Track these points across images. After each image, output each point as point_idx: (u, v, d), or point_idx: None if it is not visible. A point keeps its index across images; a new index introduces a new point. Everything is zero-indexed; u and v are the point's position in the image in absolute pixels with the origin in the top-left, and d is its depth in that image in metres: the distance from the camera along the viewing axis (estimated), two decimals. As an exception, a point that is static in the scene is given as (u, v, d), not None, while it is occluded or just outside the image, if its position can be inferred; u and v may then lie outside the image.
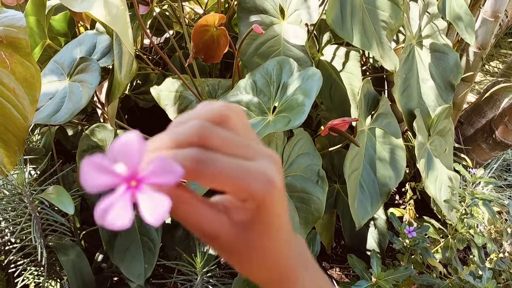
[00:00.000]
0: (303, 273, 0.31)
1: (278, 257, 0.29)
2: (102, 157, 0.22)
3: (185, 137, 0.24)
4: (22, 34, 0.90)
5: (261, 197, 0.25)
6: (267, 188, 0.25)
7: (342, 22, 1.02)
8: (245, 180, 0.24)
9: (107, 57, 1.01)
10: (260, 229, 0.27)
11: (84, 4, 0.82)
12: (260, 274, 0.29)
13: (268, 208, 0.26)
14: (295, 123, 0.89)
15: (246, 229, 0.26)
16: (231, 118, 0.26)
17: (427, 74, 1.22)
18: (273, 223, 0.27)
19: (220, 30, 1.01)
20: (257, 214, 0.26)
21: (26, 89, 0.93)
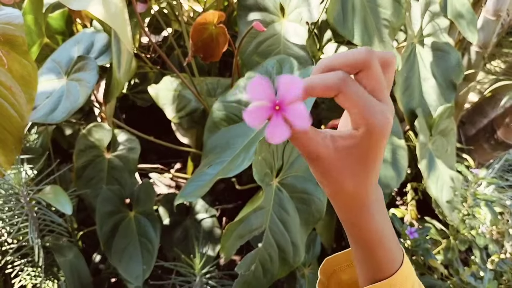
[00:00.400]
0: (376, 207, 0.37)
1: (367, 181, 0.34)
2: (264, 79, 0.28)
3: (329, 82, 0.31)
4: (19, 32, 0.89)
5: (375, 127, 0.31)
6: (383, 123, 0.31)
7: (343, 20, 1.01)
8: (369, 110, 0.31)
9: (105, 55, 1.00)
10: (361, 153, 0.33)
11: (82, 2, 0.80)
12: (345, 195, 0.35)
13: (376, 138, 0.32)
14: (295, 123, 0.87)
15: (348, 153, 0.33)
16: (372, 67, 0.32)
17: (428, 73, 1.21)
18: (374, 152, 0.33)
19: (219, 28, 1.00)
20: (362, 141, 0.32)
21: (23, 87, 0.92)
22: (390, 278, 0.38)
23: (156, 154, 1.62)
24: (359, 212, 0.36)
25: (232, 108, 1.03)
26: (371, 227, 0.37)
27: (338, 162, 0.33)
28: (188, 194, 0.91)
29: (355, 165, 0.33)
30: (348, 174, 0.33)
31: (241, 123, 1.01)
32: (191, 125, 1.25)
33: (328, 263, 0.47)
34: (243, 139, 0.97)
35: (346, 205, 0.36)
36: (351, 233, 0.39)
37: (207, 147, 1.02)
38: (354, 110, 0.31)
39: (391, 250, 0.39)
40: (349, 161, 0.33)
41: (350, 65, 0.32)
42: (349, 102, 0.31)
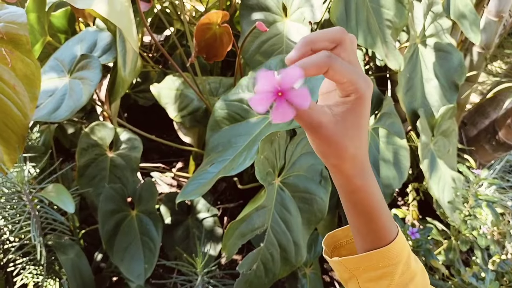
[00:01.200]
0: (372, 172, 0.42)
1: (362, 144, 0.39)
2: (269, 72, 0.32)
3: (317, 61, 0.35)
4: (23, 31, 0.89)
5: (363, 91, 0.37)
6: (368, 86, 0.37)
7: (347, 20, 1.01)
8: (356, 78, 0.36)
9: (108, 54, 1.00)
10: (354, 117, 0.37)
11: (87, 1, 0.81)
12: (347, 160, 0.39)
13: (365, 101, 0.37)
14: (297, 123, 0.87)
15: (344, 118, 0.37)
16: (346, 41, 0.37)
17: (431, 73, 1.21)
18: (364, 114, 0.38)
19: (223, 28, 1.00)
20: (354, 106, 0.37)
21: (26, 86, 0.92)
22: (388, 245, 0.42)
23: (157, 153, 1.62)
24: (361, 175, 0.40)
25: (234, 107, 1.03)
26: (372, 190, 0.41)
27: (338, 127, 0.37)
28: (190, 193, 0.92)
29: (352, 128, 0.38)
30: (348, 137, 0.38)
31: (243, 122, 1.01)
32: (193, 124, 1.26)
33: (330, 237, 0.51)
34: (245, 138, 0.98)
35: (349, 170, 0.40)
36: (353, 200, 0.42)
37: (209, 145, 1.03)
38: (343, 80, 0.36)
39: (388, 218, 0.43)
40: (347, 125, 0.37)
41: (328, 40, 0.37)
42: (338, 74, 0.35)
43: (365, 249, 0.44)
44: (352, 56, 0.38)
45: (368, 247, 0.44)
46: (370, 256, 0.43)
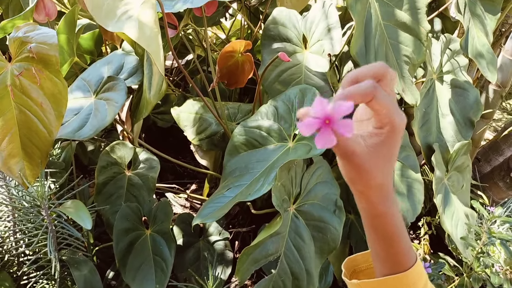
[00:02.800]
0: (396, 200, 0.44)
1: (390, 174, 0.42)
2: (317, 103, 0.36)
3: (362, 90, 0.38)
4: (53, 51, 0.93)
5: (397, 124, 0.39)
6: (402, 120, 0.40)
7: (366, 54, 1.03)
8: (394, 110, 0.39)
9: (133, 77, 1.04)
10: (386, 149, 0.40)
11: (119, 24, 0.84)
12: (373, 188, 0.41)
13: (397, 134, 0.40)
14: (316, 151, 0.89)
15: (376, 150, 0.40)
16: (387, 77, 0.40)
17: (446, 109, 1.22)
18: (395, 147, 0.41)
19: (245, 56, 1.03)
20: (387, 139, 0.40)
21: (53, 104, 0.95)
22: (406, 271, 0.44)
23: (172, 174, 1.64)
24: (385, 201, 0.42)
25: (253, 134, 1.05)
26: (394, 217, 0.43)
27: (369, 157, 0.40)
28: (206, 216, 0.93)
29: (382, 159, 0.40)
30: (378, 166, 0.40)
31: (261, 148, 1.03)
32: (211, 148, 1.28)
33: (350, 261, 0.53)
34: (263, 164, 0.99)
35: (374, 197, 0.42)
36: (375, 225, 0.44)
37: (226, 170, 1.04)
38: (383, 111, 0.39)
39: (408, 244, 0.45)
40: (378, 156, 0.40)
41: (372, 75, 0.39)
42: (380, 104, 0.38)
43: (383, 274, 0.46)
44: (392, 90, 0.41)
45: (386, 272, 0.45)
46: (388, 280, 0.45)
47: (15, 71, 0.92)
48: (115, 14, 0.84)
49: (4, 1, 1.49)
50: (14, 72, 0.92)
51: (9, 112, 0.93)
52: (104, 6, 0.84)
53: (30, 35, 0.93)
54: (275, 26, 1.22)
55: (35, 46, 0.92)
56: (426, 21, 1.11)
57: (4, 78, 0.92)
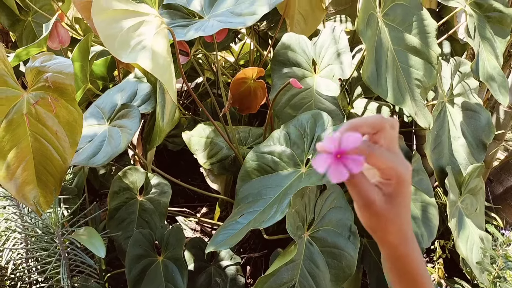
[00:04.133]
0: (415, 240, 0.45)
1: (406, 218, 0.43)
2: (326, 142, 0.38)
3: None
4: (69, 80, 0.94)
5: (402, 176, 0.41)
6: (407, 172, 0.41)
7: (377, 79, 1.04)
8: (395, 164, 0.40)
9: (147, 104, 1.05)
10: (400, 198, 0.41)
11: (132, 55, 0.85)
12: (393, 233, 0.43)
13: (406, 185, 0.41)
14: (329, 178, 0.89)
15: (391, 197, 0.41)
16: (386, 128, 0.41)
17: (458, 131, 1.22)
18: (407, 196, 0.42)
19: (258, 83, 1.04)
20: (398, 189, 0.41)
21: (68, 132, 0.96)
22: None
23: (183, 197, 1.64)
24: (405, 243, 0.44)
25: (265, 159, 1.05)
26: (415, 257, 0.45)
27: (387, 205, 0.41)
28: (220, 243, 0.93)
29: (399, 206, 0.42)
30: (395, 214, 0.42)
31: (274, 174, 1.03)
32: (222, 172, 1.28)
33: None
34: (276, 190, 0.99)
35: (394, 240, 0.43)
36: (397, 266, 0.45)
37: (239, 195, 1.04)
38: (383, 166, 0.41)
39: (429, 283, 0.46)
40: (394, 203, 0.42)
41: (370, 126, 0.41)
42: (379, 161, 0.40)
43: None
44: (391, 142, 0.42)
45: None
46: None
47: (31, 100, 0.93)
48: (128, 45, 0.86)
49: (17, 29, 1.53)
50: (30, 100, 0.93)
51: (24, 140, 0.94)
52: (118, 38, 0.85)
53: (47, 64, 0.94)
54: (285, 51, 1.23)
55: (52, 75, 0.94)
56: (436, 44, 1.12)
57: (20, 106, 0.93)
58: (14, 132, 0.92)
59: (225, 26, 1.03)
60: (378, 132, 0.41)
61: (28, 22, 1.53)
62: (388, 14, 1.08)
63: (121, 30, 0.87)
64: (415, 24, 1.09)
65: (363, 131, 0.41)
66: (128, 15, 0.90)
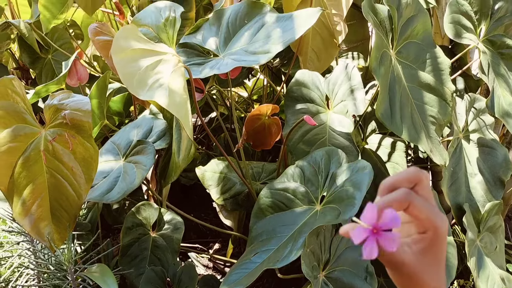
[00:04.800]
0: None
1: (441, 276, 0.42)
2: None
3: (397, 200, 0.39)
4: (86, 118, 0.95)
5: (440, 228, 0.40)
6: (444, 224, 0.40)
7: (391, 116, 1.04)
8: (433, 215, 0.40)
9: (161, 140, 1.06)
10: (433, 254, 0.40)
11: (150, 93, 0.87)
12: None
13: (442, 237, 0.40)
14: (345, 216, 0.88)
15: (424, 256, 0.40)
16: (423, 180, 0.41)
17: (475, 168, 1.21)
18: (442, 250, 0.41)
19: (272, 119, 1.05)
20: (432, 243, 0.40)
21: (84, 168, 0.97)
22: None
23: (195, 233, 1.63)
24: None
25: (279, 196, 1.04)
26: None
27: (418, 265, 0.40)
28: (233, 283, 0.91)
29: (432, 265, 0.40)
30: (429, 272, 0.40)
31: (288, 211, 1.02)
32: (235, 208, 1.27)
33: None
34: (290, 228, 0.98)
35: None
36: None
37: (252, 233, 1.03)
38: (422, 216, 0.40)
39: None
40: (426, 262, 0.40)
41: (407, 181, 0.40)
42: (418, 210, 0.39)
43: None
44: (429, 193, 0.41)
45: None
46: None
47: (48, 137, 0.94)
48: (146, 83, 0.87)
49: (38, 66, 1.57)
50: (47, 137, 0.94)
51: (40, 176, 0.95)
52: (136, 76, 0.87)
53: (65, 102, 0.96)
54: (298, 88, 1.24)
55: (69, 113, 0.95)
56: (450, 81, 1.12)
57: (37, 143, 0.95)
58: (30, 168, 0.94)
59: (239, 64, 1.04)
60: (416, 185, 0.41)
61: (48, 60, 1.58)
62: (401, 52, 1.09)
63: (139, 69, 0.89)
64: (428, 62, 1.10)
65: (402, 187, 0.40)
66: (146, 54, 0.92)
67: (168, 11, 1.04)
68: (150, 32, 1.06)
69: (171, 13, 1.04)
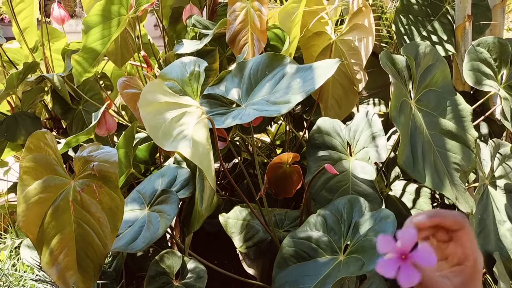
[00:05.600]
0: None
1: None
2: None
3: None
4: (113, 169, 0.99)
5: (480, 261, 0.42)
6: (481, 258, 0.43)
7: (414, 163, 1.04)
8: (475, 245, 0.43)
9: (185, 189, 1.08)
10: (474, 286, 0.42)
11: (174, 144, 0.90)
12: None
13: (480, 271, 0.42)
14: (369, 268, 0.87)
15: (464, 285, 0.41)
16: (465, 228, 0.43)
17: (504, 215, 1.18)
18: (479, 280, 0.43)
19: (293, 168, 1.06)
20: (472, 275, 0.42)
21: (109, 217, 0.99)
22: None
23: (218, 281, 1.61)
24: None
25: (302, 245, 1.04)
26: None
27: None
28: (256, 335, 0.89)
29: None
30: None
31: (311, 261, 1.01)
32: (258, 256, 1.26)
33: None
34: (314, 279, 0.96)
35: None
36: None
37: (276, 283, 1.02)
38: (468, 245, 0.42)
39: None
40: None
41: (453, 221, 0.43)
42: (469, 239, 0.42)
43: None
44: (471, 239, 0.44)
45: None
46: None
47: (77, 188, 0.98)
48: (171, 135, 0.91)
49: (69, 117, 1.64)
50: (76, 188, 0.98)
51: (68, 226, 0.98)
52: (162, 128, 0.90)
53: (94, 154, 1.00)
54: (320, 135, 1.26)
55: (97, 164, 0.99)
56: (472, 128, 1.11)
57: (67, 194, 0.98)
58: (59, 218, 0.96)
59: (260, 114, 1.07)
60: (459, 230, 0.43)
61: (79, 111, 1.65)
62: (421, 100, 1.10)
63: (164, 121, 0.93)
64: (449, 109, 1.11)
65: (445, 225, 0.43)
66: (172, 107, 0.96)
67: (193, 66, 1.09)
68: (175, 85, 1.11)
69: (196, 67, 1.09)
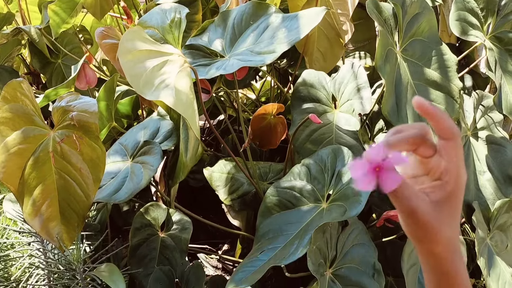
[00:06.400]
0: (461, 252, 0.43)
1: (456, 227, 0.41)
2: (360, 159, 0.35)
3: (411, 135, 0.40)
4: (93, 119, 0.97)
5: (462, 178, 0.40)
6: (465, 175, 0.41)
7: (398, 113, 1.04)
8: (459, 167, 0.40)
9: (168, 140, 1.07)
10: (450, 202, 0.39)
11: (156, 93, 0.88)
12: (442, 244, 0.40)
13: (462, 189, 0.40)
14: (351, 213, 0.88)
15: (440, 205, 0.39)
16: (455, 140, 0.40)
17: (484, 166, 1.19)
18: (461, 198, 0.41)
19: (277, 118, 1.05)
20: (453, 192, 0.39)
21: (91, 169, 0.98)
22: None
23: (204, 233, 1.63)
24: (454, 257, 0.41)
25: (286, 194, 1.04)
26: (463, 271, 0.42)
27: (435, 213, 0.39)
28: (240, 280, 0.91)
29: (448, 215, 0.40)
30: (445, 221, 0.39)
31: (294, 209, 1.02)
32: (243, 208, 1.28)
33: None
34: (297, 226, 0.98)
35: (442, 253, 0.41)
36: (443, 283, 0.42)
37: (259, 232, 1.03)
38: (454, 159, 0.39)
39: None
40: (443, 210, 0.39)
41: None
42: (456, 154, 0.39)
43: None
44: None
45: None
46: None
47: (57, 138, 0.96)
48: (152, 84, 0.88)
49: (48, 71, 1.60)
50: (56, 139, 0.96)
51: (49, 177, 0.97)
52: (143, 77, 0.88)
53: (72, 104, 0.98)
54: (305, 88, 1.24)
55: (77, 114, 0.97)
56: (457, 78, 1.11)
57: (46, 144, 0.96)
58: (40, 169, 0.95)
59: (245, 64, 1.05)
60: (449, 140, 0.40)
61: (58, 65, 1.61)
62: (406, 49, 1.09)
63: (145, 70, 0.90)
64: (434, 59, 1.10)
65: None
66: (153, 55, 0.94)
67: (173, 12, 1.06)
68: (156, 33, 1.08)
69: (177, 14, 1.05)
